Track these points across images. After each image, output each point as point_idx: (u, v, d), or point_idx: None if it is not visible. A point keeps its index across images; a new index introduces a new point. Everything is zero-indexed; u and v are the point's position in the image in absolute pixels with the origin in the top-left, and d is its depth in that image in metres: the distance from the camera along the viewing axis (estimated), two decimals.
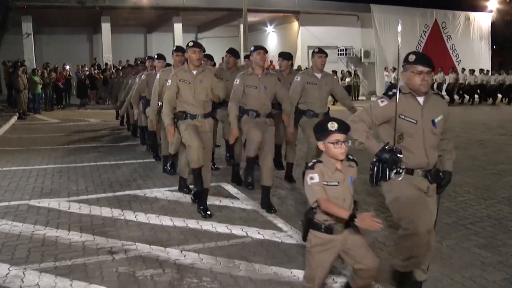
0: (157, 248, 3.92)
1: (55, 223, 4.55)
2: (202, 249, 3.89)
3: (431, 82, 2.98)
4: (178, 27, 22.15)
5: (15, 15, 17.00)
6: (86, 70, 20.10)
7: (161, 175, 6.62)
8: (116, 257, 3.73)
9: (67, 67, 19.62)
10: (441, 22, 24.75)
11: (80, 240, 4.12)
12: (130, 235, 4.23)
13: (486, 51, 26.39)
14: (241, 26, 19.99)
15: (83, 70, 19.79)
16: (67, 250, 3.90)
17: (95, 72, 20.10)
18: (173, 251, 3.85)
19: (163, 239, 4.14)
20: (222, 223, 4.55)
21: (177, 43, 19.62)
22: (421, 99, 2.95)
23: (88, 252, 3.85)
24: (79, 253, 3.83)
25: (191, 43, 4.96)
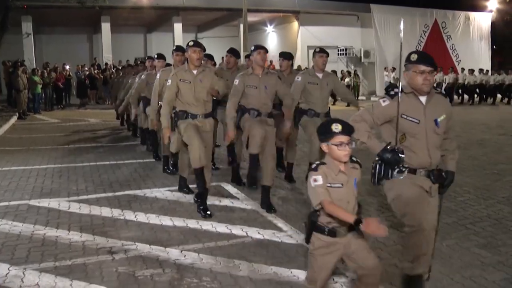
0: (157, 248, 3.92)
1: (55, 223, 4.55)
2: (202, 249, 3.89)
3: (434, 81, 2.95)
4: (178, 27, 22.18)
5: (15, 15, 16.99)
6: (86, 70, 20.09)
7: (161, 175, 6.62)
8: (116, 257, 3.73)
9: (67, 67, 19.62)
10: (441, 22, 24.74)
11: (80, 240, 4.12)
12: (130, 235, 4.23)
13: (486, 51, 26.38)
14: (241, 26, 19.99)
15: (83, 70, 19.79)
16: (67, 250, 3.90)
17: (95, 72, 20.11)
18: (173, 251, 3.85)
19: (163, 239, 4.14)
20: (222, 223, 4.55)
21: (177, 43, 19.61)
22: (423, 99, 2.94)
23: (88, 252, 3.85)
24: (79, 253, 3.83)
25: (191, 43, 4.95)
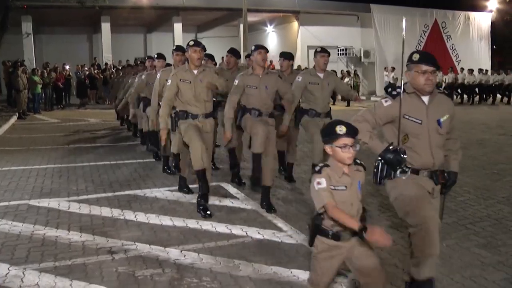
0: (157, 248, 3.92)
1: (55, 223, 4.55)
2: (202, 249, 3.89)
3: (436, 81, 2.93)
4: (178, 27, 22.17)
5: (15, 15, 16.98)
6: (86, 70, 20.09)
7: (161, 175, 6.62)
8: (116, 257, 3.73)
9: (67, 67, 19.62)
10: (441, 22, 24.74)
11: (80, 240, 4.11)
12: (130, 235, 4.23)
13: (486, 51, 26.38)
14: (241, 26, 19.98)
15: (83, 70, 19.79)
16: (67, 250, 3.89)
17: (95, 72, 20.11)
18: (173, 251, 3.85)
19: (163, 239, 4.13)
20: (222, 223, 4.55)
21: (177, 43, 19.61)
22: (426, 99, 2.91)
23: (88, 252, 3.85)
24: (79, 253, 3.83)
25: (191, 42, 4.91)
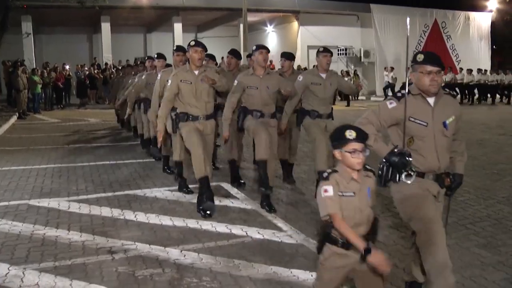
0: (156, 247, 3.92)
1: (55, 223, 4.55)
2: (201, 249, 3.89)
3: (441, 82, 2.87)
4: (178, 27, 22.17)
5: (15, 15, 16.98)
6: (86, 69, 20.09)
7: (161, 175, 6.62)
8: (115, 257, 3.73)
9: (66, 67, 19.60)
10: (441, 22, 24.73)
11: (79, 239, 4.11)
12: (129, 235, 4.23)
13: (486, 51, 26.37)
14: (241, 25, 19.98)
15: (83, 69, 19.79)
16: (66, 249, 3.90)
17: (95, 72, 20.11)
18: (173, 250, 3.85)
19: (162, 238, 4.13)
20: (221, 223, 4.55)
21: (177, 42, 19.61)
22: (431, 100, 2.85)
23: (87, 252, 3.85)
24: (78, 252, 3.83)
25: (192, 42, 4.86)
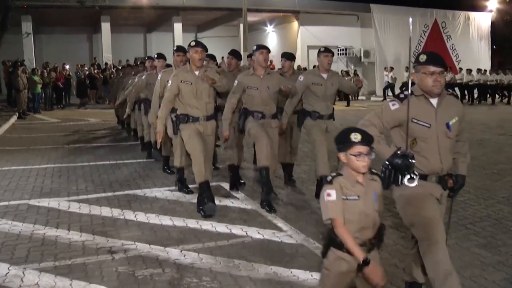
0: (156, 247, 3.92)
1: (55, 223, 4.55)
2: (201, 249, 3.89)
3: (444, 82, 2.84)
4: (178, 27, 22.18)
5: (15, 15, 16.97)
6: (85, 69, 20.09)
7: (161, 175, 6.62)
8: (115, 257, 3.73)
9: (66, 67, 19.62)
10: (441, 22, 24.72)
11: (79, 239, 4.11)
12: (129, 234, 4.23)
13: (486, 51, 26.36)
14: (241, 25, 19.99)
15: (83, 69, 19.79)
16: (66, 249, 3.90)
17: (95, 71, 20.12)
18: (173, 250, 3.85)
19: (162, 238, 4.14)
20: (221, 222, 4.55)
21: (177, 42, 19.62)
22: (434, 101, 2.82)
23: (87, 251, 3.85)
24: (78, 252, 3.83)
25: (193, 43, 4.83)
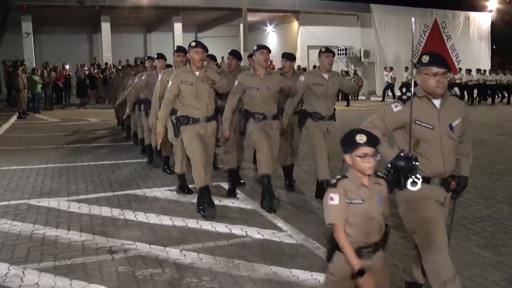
0: (156, 247, 3.92)
1: (55, 223, 4.55)
2: (201, 249, 3.89)
3: (447, 83, 2.83)
4: (178, 27, 22.18)
5: (15, 15, 16.97)
6: (85, 69, 20.10)
7: (161, 175, 6.62)
8: (115, 257, 3.73)
9: (66, 67, 19.63)
10: (441, 22, 24.70)
11: (79, 239, 4.11)
12: (129, 234, 4.23)
13: (486, 51, 26.36)
14: (241, 25, 19.98)
15: (83, 69, 19.79)
16: (66, 249, 3.90)
17: (95, 71, 20.12)
18: (173, 250, 3.85)
19: (162, 238, 4.14)
20: (221, 222, 4.55)
21: (177, 42, 19.63)
22: (437, 102, 2.81)
23: (87, 251, 3.85)
24: (78, 252, 3.83)
25: (193, 43, 4.79)
